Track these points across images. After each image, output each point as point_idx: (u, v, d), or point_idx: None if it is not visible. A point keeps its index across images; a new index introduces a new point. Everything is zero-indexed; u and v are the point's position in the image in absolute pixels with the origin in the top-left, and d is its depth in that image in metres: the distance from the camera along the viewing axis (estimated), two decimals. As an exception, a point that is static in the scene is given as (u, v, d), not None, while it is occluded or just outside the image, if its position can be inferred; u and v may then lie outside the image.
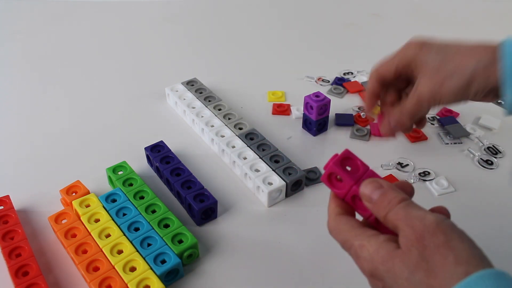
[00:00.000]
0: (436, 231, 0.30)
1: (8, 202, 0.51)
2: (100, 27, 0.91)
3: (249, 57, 0.81)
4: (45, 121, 0.67)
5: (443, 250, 0.29)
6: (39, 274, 0.43)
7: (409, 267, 0.29)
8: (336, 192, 0.37)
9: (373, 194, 0.33)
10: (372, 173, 0.37)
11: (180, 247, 0.45)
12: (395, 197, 0.33)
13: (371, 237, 0.33)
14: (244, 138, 0.58)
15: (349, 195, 0.36)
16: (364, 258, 0.32)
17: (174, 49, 0.84)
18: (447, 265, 0.28)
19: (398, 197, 0.33)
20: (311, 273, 0.46)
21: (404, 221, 0.31)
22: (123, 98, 0.71)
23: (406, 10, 0.96)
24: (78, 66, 0.80)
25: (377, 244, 0.32)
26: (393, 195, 0.33)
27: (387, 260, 0.31)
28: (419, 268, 0.29)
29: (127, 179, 0.53)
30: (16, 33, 0.90)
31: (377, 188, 0.34)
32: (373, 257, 0.31)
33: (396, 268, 0.30)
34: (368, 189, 0.34)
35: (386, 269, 0.30)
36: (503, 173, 0.57)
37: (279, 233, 0.50)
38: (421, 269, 0.29)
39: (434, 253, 0.29)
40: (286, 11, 0.96)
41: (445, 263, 0.28)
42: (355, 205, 0.37)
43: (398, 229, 0.31)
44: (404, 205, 0.32)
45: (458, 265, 0.28)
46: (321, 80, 0.74)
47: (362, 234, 0.33)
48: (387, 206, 0.32)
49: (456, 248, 0.29)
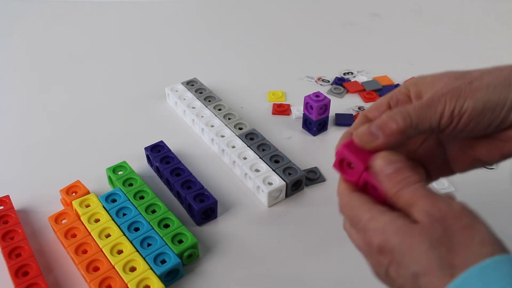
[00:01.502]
0: (461, 214, 0.28)
1: (8, 202, 0.51)
2: (100, 27, 0.91)
3: (249, 57, 0.81)
4: (45, 121, 0.67)
5: (468, 231, 0.27)
6: (39, 274, 0.43)
7: (430, 241, 0.27)
8: (348, 179, 0.35)
9: (387, 168, 0.30)
10: None
11: (180, 247, 0.45)
12: (413, 175, 0.30)
13: (383, 211, 0.30)
14: (244, 138, 0.58)
15: (360, 182, 0.34)
16: (374, 229, 0.30)
17: (174, 49, 0.84)
18: (472, 245, 0.27)
19: (416, 176, 0.30)
20: (311, 273, 0.46)
21: (426, 199, 0.28)
22: (123, 98, 0.71)
23: (406, 10, 0.96)
24: (78, 66, 0.79)
25: (390, 217, 0.29)
26: (411, 173, 0.30)
27: (403, 231, 0.28)
28: (441, 244, 0.27)
29: (127, 179, 0.53)
30: (16, 33, 0.90)
31: (392, 162, 0.30)
32: (386, 227, 0.29)
33: (414, 240, 0.28)
34: (381, 162, 0.31)
35: (400, 240, 0.28)
36: (503, 173, 0.57)
37: (279, 233, 0.50)
38: (443, 245, 0.27)
39: (458, 233, 0.27)
40: (286, 11, 0.96)
41: (470, 243, 0.27)
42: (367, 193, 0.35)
43: (415, 206, 0.29)
44: (424, 185, 0.29)
45: (484, 246, 0.27)
46: (321, 80, 0.74)
47: (374, 208, 0.31)
48: (401, 181, 0.30)
49: (481, 232, 0.27)
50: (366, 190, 0.34)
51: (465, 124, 0.32)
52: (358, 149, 0.34)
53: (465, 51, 0.81)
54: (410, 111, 0.32)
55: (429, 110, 0.32)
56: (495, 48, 0.82)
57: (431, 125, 0.32)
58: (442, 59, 0.79)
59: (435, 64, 0.78)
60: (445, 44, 0.84)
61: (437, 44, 0.84)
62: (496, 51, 0.81)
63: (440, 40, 0.85)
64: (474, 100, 0.31)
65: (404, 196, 0.29)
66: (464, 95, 0.31)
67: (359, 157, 0.34)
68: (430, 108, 0.32)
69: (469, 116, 0.32)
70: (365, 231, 0.30)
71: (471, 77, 0.32)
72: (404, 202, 0.29)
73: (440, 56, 0.80)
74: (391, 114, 0.32)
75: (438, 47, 0.83)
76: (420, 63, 0.78)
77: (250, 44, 0.85)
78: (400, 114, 0.32)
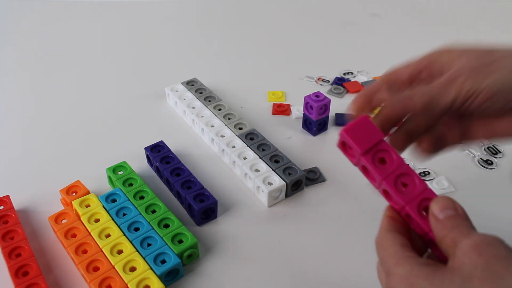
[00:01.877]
0: (498, 244, 0.27)
1: (8, 202, 0.51)
2: (100, 27, 0.91)
3: (249, 57, 0.81)
4: (45, 121, 0.67)
5: (504, 262, 0.26)
6: (39, 274, 0.43)
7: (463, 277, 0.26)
8: (350, 159, 0.35)
9: (440, 214, 0.30)
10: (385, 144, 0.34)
11: (180, 247, 0.45)
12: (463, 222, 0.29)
13: (409, 258, 0.30)
14: (244, 138, 0.58)
15: (359, 166, 0.34)
16: (399, 274, 0.29)
17: (174, 49, 0.84)
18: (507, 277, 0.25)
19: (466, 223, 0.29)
20: (311, 273, 0.46)
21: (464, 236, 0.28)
22: (123, 98, 0.71)
23: (406, 10, 0.96)
24: (78, 66, 0.80)
25: (417, 263, 0.29)
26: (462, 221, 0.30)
27: (432, 273, 0.27)
28: (473, 277, 0.26)
29: (127, 179, 0.53)
30: (16, 33, 0.90)
31: (446, 209, 0.30)
32: (412, 272, 0.28)
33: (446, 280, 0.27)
34: (436, 207, 0.30)
35: (429, 283, 0.27)
36: (503, 173, 0.57)
37: (279, 233, 0.50)
38: (475, 277, 0.26)
39: (493, 263, 0.26)
40: (286, 11, 0.96)
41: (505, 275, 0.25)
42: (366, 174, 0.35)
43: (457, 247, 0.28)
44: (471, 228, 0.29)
45: None
46: (321, 80, 0.74)
47: (400, 253, 0.30)
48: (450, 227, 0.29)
49: None
50: (366, 173, 0.34)
51: (480, 103, 0.33)
52: (360, 131, 0.34)
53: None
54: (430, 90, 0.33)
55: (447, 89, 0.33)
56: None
57: (447, 103, 0.33)
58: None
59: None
60: (444, 44, 0.84)
61: (437, 44, 0.84)
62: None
63: (440, 40, 0.85)
64: (492, 80, 0.32)
65: (449, 237, 0.29)
66: (482, 75, 0.32)
67: (358, 141, 0.33)
68: (448, 86, 0.33)
69: (484, 96, 0.32)
70: (389, 275, 0.30)
71: (493, 57, 0.33)
72: (448, 243, 0.29)
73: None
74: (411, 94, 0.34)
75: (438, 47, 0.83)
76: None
77: (250, 44, 0.85)
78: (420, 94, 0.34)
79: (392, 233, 0.32)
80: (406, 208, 0.32)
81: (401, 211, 0.33)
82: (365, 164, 0.34)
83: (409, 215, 0.33)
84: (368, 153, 0.33)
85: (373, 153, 0.33)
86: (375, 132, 0.34)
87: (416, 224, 0.33)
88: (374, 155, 0.33)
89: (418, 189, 0.33)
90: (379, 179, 0.33)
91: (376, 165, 0.33)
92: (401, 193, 0.33)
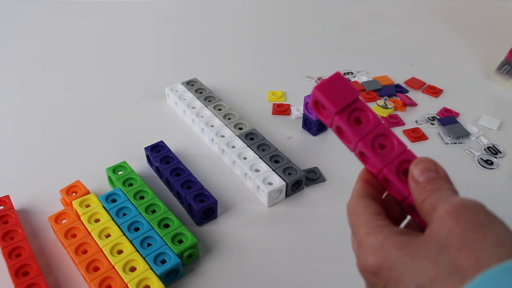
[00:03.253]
0: (477, 210, 0.25)
1: (8, 202, 0.51)
2: (100, 27, 0.91)
3: (249, 57, 0.81)
4: (45, 121, 0.67)
5: (483, 229, 0.24)
6: (39, 274, 0.43)
7: (439, 245, 0.24)
8: (324, 120, 0.33)
9: (420, 177, 0.28)
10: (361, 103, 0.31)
11: (180, 247, 0.45)
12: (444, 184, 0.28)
13: (382, 227, 0.28)
14: (244, 138, 0.58)
15: (334, 127, 0.32)
16: (370, 246, 0.27)
17: (174, 49, 0.84)
18: (486, 245, 0.23)
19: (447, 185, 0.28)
20: (311, 273, 0.46)
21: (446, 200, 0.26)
22: (123, 98, 0.71)
23: (406, 10, 0.96)
24: (78, 66, 0.80)
25: (391, 233, 0.27)
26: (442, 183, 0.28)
27: (406, 244, 0.26)
28: (449, 245, 0.24)
29: (127, 179, 0.53)
30: (16, 32, 0.90)
31: (427, 171, 0.28)
32: (385, 243, 0.26)
33: (420, 250, 0.25)
34: (417, 170, 0.28)
35: (403, 253, 0.25)
36: (503, 173, 0.57)
37: (279, 233, 0.50)
38: (452, 246, 0.23)
39: (471, 230, 0.24)
40: (286, 11, 0.96)
41: (484, 243, 0.23)
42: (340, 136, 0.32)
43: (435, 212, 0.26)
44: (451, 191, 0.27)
45: (500, 247, 0.23)
46: (321, 80, 0.74)
47: (373, 222, 0.28)
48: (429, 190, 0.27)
49: (498, 231, 0.24)
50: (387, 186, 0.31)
51: None
52: (334, 89, 0.31)
53: (465, 51, 0.81)
54: None
55: None
56: (496, 48, 0.82)
57: None
58: (442, 59, 0.79)
59: (435, 64, 0.78)
60: (445, 44, 0.84)
61: (437, 44, 0.84)
62: (496, 51, 0.81)
63: (440, 40, 0.85)
64: None
65: (428, 201, 0.27)
66: None
67: (332, 99, 0.31)
68: None
69: None
70: (360, 246, 0.28)
71: None
72: (427, 208, 0.27)
73: (440, 56, 0.80)
74: None
75: (438, 47, 0.83)
76: (420, 63, 0.78)
77: (250, 44, 0.85)
78: None
79: (366, 200, 0.30)
80: (384, 171, 0.30)
81: (378, 174, 0.31)
82: (339, 125, 0.31)
83: (387, 178, 0.31)
84: (342, 113, 0.31)
85: (348, 112, 0.31)
86: (350, 90, 0.31)
87: (395, 188, 0.30)
88: (349, 115, 0.31)
89: (396, 150, 0.30)
90: (354, 140, 0.31)
91: (351, 125, 0.31)
92: (378, 155, 0.30)
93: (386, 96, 0.70)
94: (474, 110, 0.67)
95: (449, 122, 0.64)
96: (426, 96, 0.70)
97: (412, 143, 0.61)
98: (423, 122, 0.65)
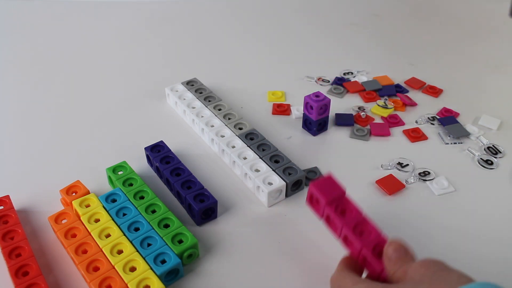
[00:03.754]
0: (441, 262, 0.34)
1: (8, 202, 0.51)
2: (100, 27, 0.91)
3: (249, 57, 0.81)
4: (45, 121, 0.67)
5: (448, 271, 0.33)
6: (39, 274, 0.43)
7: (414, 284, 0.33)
8: (316, 214, 0.43)
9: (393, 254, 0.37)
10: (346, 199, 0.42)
11: (180, 247, 0.45)
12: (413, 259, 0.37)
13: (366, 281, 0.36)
14: (244, 138, 0.58)
15: (324, 217, 0.42)
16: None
17: (174, 49, 0.84)
18: (451, 278, 0.32)
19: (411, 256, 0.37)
20: (311, 273, 0.46)
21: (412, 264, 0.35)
22: (123, 98, 0.71)
23: (406, 10, 0.96)
24: (78, 66, 0.80)
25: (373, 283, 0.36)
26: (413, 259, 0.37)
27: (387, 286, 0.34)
28: (423, 282, 0.33)
29: (127, 179, 0.53)
30: (16, 33, 0.90)
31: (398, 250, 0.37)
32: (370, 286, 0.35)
33: None
34: (391, 249, 0.38)
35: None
36: (503, 173, 0.57)
37: (279, 233, 0.50)
38: (425, 283, 0.32)
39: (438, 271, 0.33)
40: (286, 11, 0.96)
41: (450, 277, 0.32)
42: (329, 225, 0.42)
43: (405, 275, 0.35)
44: None
45: (462, 277, 0.32)
46: (321, 80, 0.74)
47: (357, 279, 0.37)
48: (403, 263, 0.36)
49: (459, 272, 0.33)
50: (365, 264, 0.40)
51: None
52: (326, 186, 0.42)
53: (465, 51, 0.81)
54: None
55: None
56: (495, 47, 0.82)
57: None
58: (442, 59, 0.79)
59: (435, 64, 0.78)
60: (445, 44, 0.84)
61: (437, 44, 0.84)
62: (496, 50, 0.81)
63: (440, 40, 0.85)
64: None
65: (399, 271, 0.36)
66: None
67: (324, 193, 0.41)
68: None
69: None
70: None
71: None
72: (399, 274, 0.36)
73: (440, 56, 0.80)
74: None
75: (438, 47, 0.83)
76: (420, 63, 0.78)
77: (250, 44, 0.85)
78: None
79: (348, 270, 0.39)
80: (363, 250, 0.39)
81: (358, 255, 0.39)
82: (329, 213, 0.41)
83: (365, 257, 0.39)
84: (331, 204, 0.41)
85: (336, 204, 0.41)
86: (338, 187, 0.42)
87: (370, 265, 0.38)
88: (336, 206, 0.41)
89: (373, 234, 0.40)
90: (340, 225, 0.40)
91: (338, 214, 0.41)
92: (358, 238, 0.39)
93: (386, 96, 0.70)
94: (474, 110, 0.67)
95: (449, 122, 0.64)
96: (426, 96, 0.70)
97: (412, 143, 0.61)
98: (423, 122, 0.65)
